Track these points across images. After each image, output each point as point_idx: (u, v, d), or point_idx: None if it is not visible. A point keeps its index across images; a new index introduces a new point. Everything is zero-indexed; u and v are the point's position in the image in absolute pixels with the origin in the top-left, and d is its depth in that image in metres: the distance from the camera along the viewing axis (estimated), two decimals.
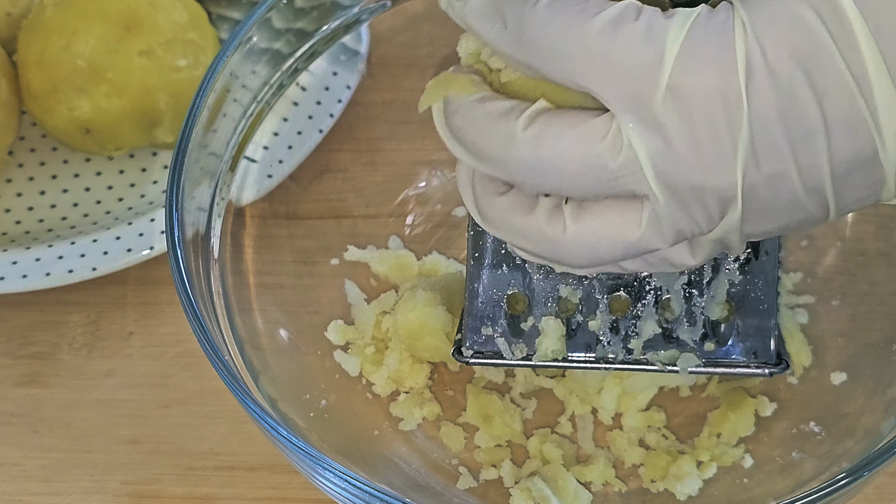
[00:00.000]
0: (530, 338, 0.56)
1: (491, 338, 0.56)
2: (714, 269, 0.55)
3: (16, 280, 0.65)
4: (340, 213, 0.66)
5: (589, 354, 0.56)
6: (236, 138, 0.60)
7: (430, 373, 0.61)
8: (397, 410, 0.61)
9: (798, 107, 0.39)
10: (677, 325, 0.55)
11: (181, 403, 0.64)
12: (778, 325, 0.56)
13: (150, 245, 0.66)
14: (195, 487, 0.62)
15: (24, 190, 0.71)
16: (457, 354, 0.57)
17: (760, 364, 0.55)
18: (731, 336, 0.55)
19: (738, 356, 0.55)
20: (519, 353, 0.56)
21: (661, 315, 0.55)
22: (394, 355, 0.61)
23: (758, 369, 0.55)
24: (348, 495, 0.50)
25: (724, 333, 0.55)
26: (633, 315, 0.56)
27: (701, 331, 0.55)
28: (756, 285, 0.55)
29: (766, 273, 0.55)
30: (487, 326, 0.56)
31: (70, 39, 0.66)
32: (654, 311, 0.55)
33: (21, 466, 0.63)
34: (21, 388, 0.65)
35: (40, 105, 0.68)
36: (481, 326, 0.56)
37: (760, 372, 0.55)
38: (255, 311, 0.60)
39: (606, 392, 0.60)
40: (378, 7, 0.64)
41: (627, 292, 0.55)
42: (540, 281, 0.56)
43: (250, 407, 0.50)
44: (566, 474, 0.58)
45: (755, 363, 0.55)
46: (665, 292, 0.55)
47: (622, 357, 0.56)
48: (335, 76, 0.68)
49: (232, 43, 0.58)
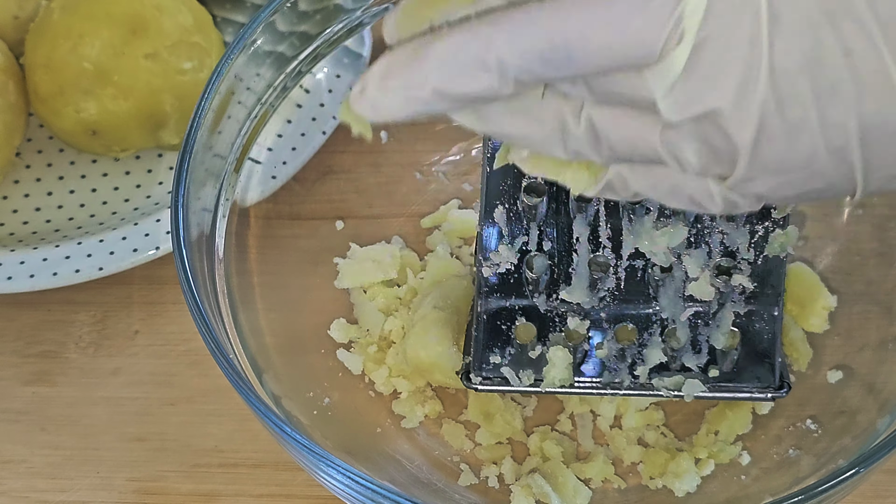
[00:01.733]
0: (538, 365, 0.56)
1: (499, 365, 0.57)
2: (720, 302, 0.55)
3: (23, 280, 0.65)
4: (343, 213, 0.66)
5: (595, 380, 0.57)
6: (241, 140, 0.60)
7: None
8: (399, 408, 0.61)
9: (824, 57, 0.37)
10: (682, 353, 0.56)
11: (186, 401, 0.65)
12: (782, 351, 0.57)
13: (156, 245, 0.66)
14: (200, 484, 0.62)
15: (32, 191, 0.72)
16: (465, 381, 0.57)
17: (763, 388, 0.56)
18: (735, 363, 0.56)
19: (741, 382, 0.56)
20: (526, 380, 0.56)
21: (666, 344, 0.56)
22: (397, 356, 0.61)
23: (760, 394, 0.56)
24: (351, 492, 0.50)
25: (728, 361, 0.56)
26: (639, 343, 0.56)
27: (706, 358, 0.56)
28: (761, 316, 0.56)
29: (770, 306, 0.55)
30: (496, 355, 0.57)
31: (77, 42, 0.67)
32: (659, 339, 0.56)
33: (29, 463, 0.63)
34: (28, 386, 0.66)
35: (47, 107, 0.68)
36: (490, 355, 0.57)
37: (763, 396, 0.56)
38: (260, 310, 0.60)
39: (606, 400, 0.60)
40: (380, 10, 0.64)
41: (634, 323, 0.56)
42: (549, 312, 0.56)
43: (255, 405, 0.50)
44: (566, 471, 0.58)
45: (758, 388, 0.56)
46: (671, 322, 0.56)
47: (628, 383, 0.56)
48: (338, 78, 0.68)
49: (236, 46, 0.58)
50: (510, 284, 0.56)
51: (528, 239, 0.55)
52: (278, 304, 0.61)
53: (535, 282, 0.56)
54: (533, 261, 0.55)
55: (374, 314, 0.63)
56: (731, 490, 0.58)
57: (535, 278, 0.55)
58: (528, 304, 0.56)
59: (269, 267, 0.62)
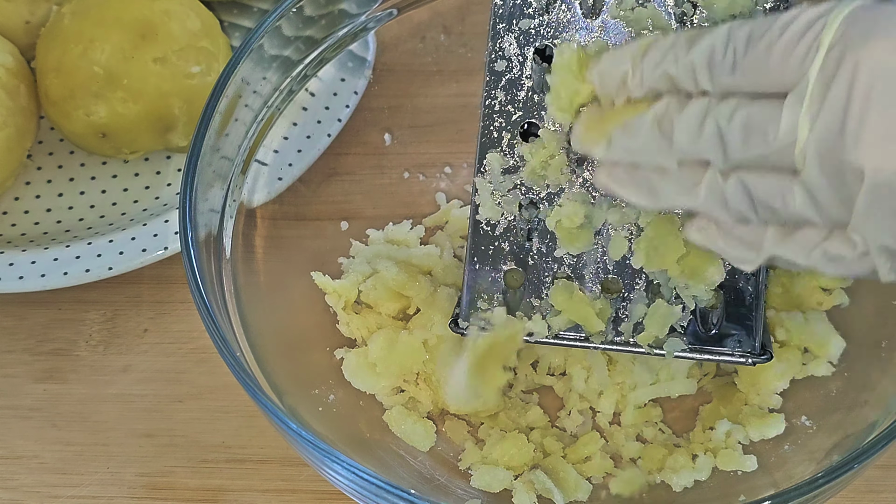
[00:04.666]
0: (525, 313, 0.56)
1: (488, 310, 0.56)
2: None
3: (35, 279, 0.66)
4: (348, 214, 0.67)
5: (580, 333, 0.56)
6: (247, 142, 0.61)
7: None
8: (402, 406, 0.61)
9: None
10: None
11: (194, 398, 0.65)
12: (764, 317, 0.57)
13: (165, 245, 0.67)
14: (208, 479, 0.62)
15: (43, 192, 0.72)
16: (453, 326, 0.57)
17: (745, 353, 0.56)
18: (718, 325, 0.56)
19: (723, 345, 0.56)
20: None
21: (650, 299, 0.56)
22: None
23: (741, 358, 0.56)
24: (356, 487, 0.50)
25: (711, 322, 0.56)
26: (623, 297, 0.56)
27: (689, 317, 0.56)
28: (744, 276, 0.56)
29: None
30: (484, 301, 0.57)
31: (87, 47, 0.67)
32: (644, 294, 0.56)
33: (40, 459, 0.64)
34: (40, 383, 0.66)
35: (58, 110, 0.69)
36: (478, 300, 0.56)
37: (743, 361, 0.56)
38: (266, 308, 0.60)
39: (606, 398, 0.61)
40: (384, 16, 0.64)
41: (620, 277, 0.56)
42: (537, 260, 0.56)
43: (261, 401, 0.50)
44: (567, 466, 0.59)
45: (739, 352, 0.56)
46: (656, 276, 0.56)
47: (611, 338, 0.56)
48: (343, 82, 0.69)
49: (243, 50, 0.58)
50: (500, 233, 0.56)
51: (522, 187, 0.55)
52: (284, 302, 0.62)
53: (527, 231, 0.56)
54: (525, 209, 0.55)
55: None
56: (727, 485, 0.58)
57: (526, 226, 0.55)
58: (518, 251, 0.56)
59: (275, 266, 0.62)
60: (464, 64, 0.68)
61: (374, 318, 0.62)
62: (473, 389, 0.58)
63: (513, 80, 0.55)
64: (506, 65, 0.55)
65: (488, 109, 0.56)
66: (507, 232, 0.56)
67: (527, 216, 0.56)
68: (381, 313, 0.63)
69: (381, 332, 0.61)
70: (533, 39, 0.55)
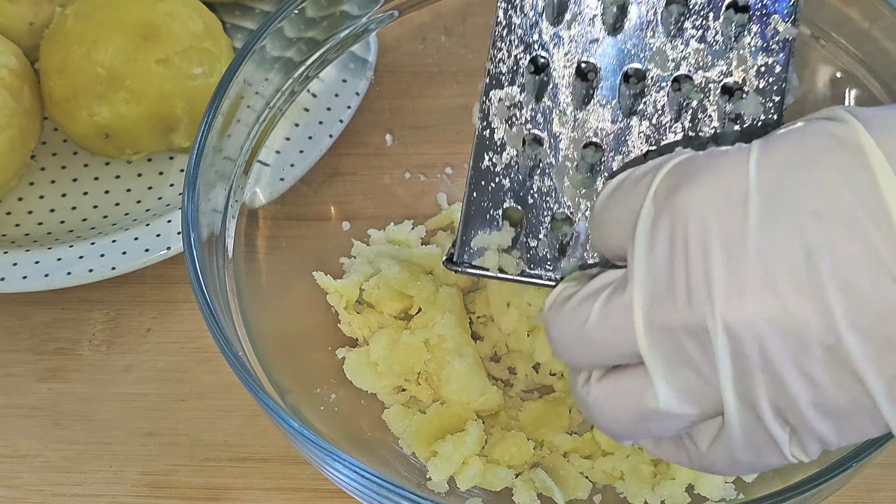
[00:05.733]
0: (520, 252, 0.53)
1: (482, 249, 0.54)
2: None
3: (38, 279, 0.66)
4: (350, 215, 0.67)
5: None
6: (250, 143, 0.61)
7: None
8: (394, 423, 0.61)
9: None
10: None
11: (197, 397, 0.65)
12: None
13: (167, 245, 0.67)
14: (210, 478, 0.62)
15: (46, 192, 0.73)
16: (448, 263, 0.54)
17: None
18: None
19: None
20: (512, 270, 0.53)
21: None
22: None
23: None
24: (358, 485, 0.50)
25: None
26: None
27: None
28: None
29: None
30: (480, 238, 0.54)
31: (90, 48, 0.67)
32: None
33: (43, 458, 0.64)
34: (43, 382, 0.66)
35: (62, 111, 0.69)
36: (473, 238, 0.54)
37: None
38: (268, 308, 0.60)
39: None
40: (386, 17, 0.64)
41: None
42: (536, 199, 0.53)
43: (263, 400, 0.50)
44: (567, 465, 0.59)
45: None
46: None
47: None
48: (345, 83, 0.69)
49: (246, 51, 0.58)
50: (503, 168, 0.53)
51: (525, 123, 0.53)
52: (286, 302, 0.62)
53: (528, 168, 0.54)
54: (529, 146, 0.53)
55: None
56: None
57: (528, 163, 0.53)
58: (519, 189, 0.53)
59: (277, 266, 0.62)
60: (465, 65, 0.68)
61: (375, 317, 0.63)
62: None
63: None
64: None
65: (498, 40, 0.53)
66: (507, 168, 0.54)
67: (530, 153, 0.54)
68: (382, 313, 0.63)
69: (383, 332, 0.61)
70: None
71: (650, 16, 0.52)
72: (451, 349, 0.60)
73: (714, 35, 0.51)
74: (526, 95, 0.53)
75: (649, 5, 0.52)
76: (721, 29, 0.51)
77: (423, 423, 0.59)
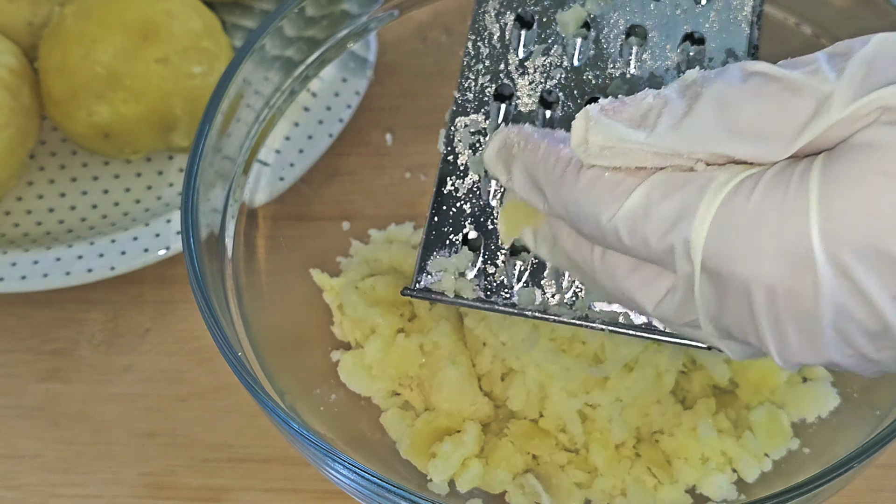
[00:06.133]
0: (478, 279, 0.54)
1: (443, 272, 0.54)
2: None
3: (37, 279, 0.66)
4: (349, 214, 0.67)
5: (536, 303, 0.54)
6: (249, 142, 0.61)
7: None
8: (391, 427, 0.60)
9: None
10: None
11: (196, 398, 0.65)
12: None
13: (167, 245, 0.67)
14: (210, 479, 0.62)
15: (45, 192, 0.73)
16: (406, 291, 0.54)
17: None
18: None
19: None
20: (469, 294, 0.54)
21: None
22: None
23: (693, 341, 0.50)
24: (357, 486, 0.50)
25: None
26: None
27: None
28: None
29: None
30: (440, 259, 0.54)
31: (89, 48, 0.67)
32: None
33: (42, 458, 0.64)
34: (42, 382, 0.66)
35: (61, 110, 0.69)
36: (433, 261, 0.54)
37: (696, 345, 0.50)
38: (268, 308, 0.60)
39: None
40: (386, 16, 0.64)
41: None
42: (496, 225, 0.54)
43: (263, 401, 0.50)
44: (560, 473, 0.58)
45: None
46: None
47: (565, 311, 0.53)
48: (344, 82, 0.69)
49: (245, 51, 0.58)
50: (465, 194, 0.54)
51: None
52: (286, 302, 0.62)
53: (489, 193, 0.54)
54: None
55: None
56: None
57: (489, 189, 0.54)
58: (479, 215, 0.54)
59: (276, 266, 0.62)
60: None
61: (369, 321, 0.62)
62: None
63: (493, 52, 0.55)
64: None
65: (467, 70, 0.55)
66: (469, 193, 0.54)
67: (492, 178, 0.54)
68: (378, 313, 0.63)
69: (378, 335, 0.61)
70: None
71: (611, 48, 0.53)
72: (445, 356, 0.60)
73: (673, 66, 0.53)
74: (490, 122, 0.54)
75: (610, 39, 0.53)
76: (679, 60, 0.53)
77: (416, 437, 0.59)
